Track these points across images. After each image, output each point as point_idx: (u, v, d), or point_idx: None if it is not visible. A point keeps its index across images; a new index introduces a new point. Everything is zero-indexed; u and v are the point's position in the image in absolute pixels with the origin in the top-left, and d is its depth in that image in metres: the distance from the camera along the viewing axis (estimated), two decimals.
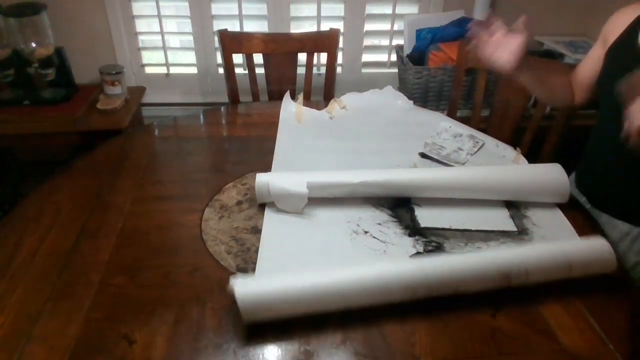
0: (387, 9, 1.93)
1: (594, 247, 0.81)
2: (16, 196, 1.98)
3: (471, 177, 1.00)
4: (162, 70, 2.01)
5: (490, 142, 1.23)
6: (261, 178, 0.96)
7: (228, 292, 0.70)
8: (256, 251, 0.88)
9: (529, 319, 0.76)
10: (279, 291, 0.71)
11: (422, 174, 1.01)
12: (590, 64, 1.10)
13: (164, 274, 0.83)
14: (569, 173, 0.99)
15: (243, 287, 0.70)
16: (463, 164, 1.13)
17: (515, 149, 1.19)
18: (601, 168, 1.07)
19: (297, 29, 1.91)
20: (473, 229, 0.93)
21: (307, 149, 1.21)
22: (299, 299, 0.72)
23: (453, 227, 0.93)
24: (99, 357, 0.68)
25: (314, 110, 1.40)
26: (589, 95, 1.13)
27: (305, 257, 0.86)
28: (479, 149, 1.19)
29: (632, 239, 1.02)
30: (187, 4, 1.87)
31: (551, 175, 0.97)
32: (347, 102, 1.43)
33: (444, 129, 1.26)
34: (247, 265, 0.85)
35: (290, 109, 1.39)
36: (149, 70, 2.01)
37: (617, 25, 1.01)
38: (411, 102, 1.42)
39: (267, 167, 1.14)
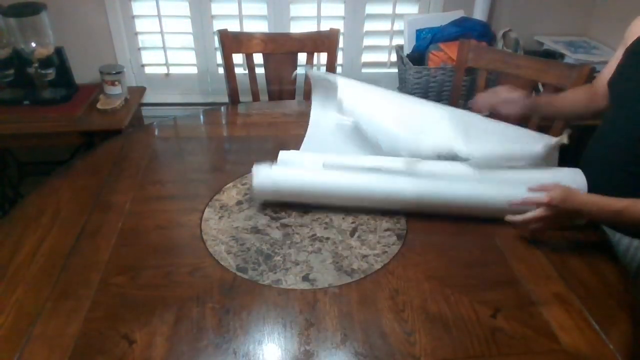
0: (387, 9, 1.93)
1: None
2: (16, 196, 1.98)
3: (488, 184, 0.97)
4: (162, 70, 2.01)
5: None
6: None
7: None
8: (256, 251, 0.88)
9: (529, 319, 0.76)
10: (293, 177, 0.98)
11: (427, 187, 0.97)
12: (612, 70, 1.08)
13: (164, 274, 0.83)
14: None
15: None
16: None
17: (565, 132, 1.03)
18: (603, 175, 1.03)
19: (297, 29, 1.90)
20: None
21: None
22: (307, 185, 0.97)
23: None
24: (99, 357, 0.68)
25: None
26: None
27: None
28: None
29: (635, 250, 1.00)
30: (187, 4, 1.87)
31: (571, 181, 0.95)
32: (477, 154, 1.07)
33: None
34: (247, 265, 0.85)
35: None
36: (149, 70, 2.01)
37: (636, 29, 1.02)
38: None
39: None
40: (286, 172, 1.00)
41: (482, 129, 1.10)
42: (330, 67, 1.68)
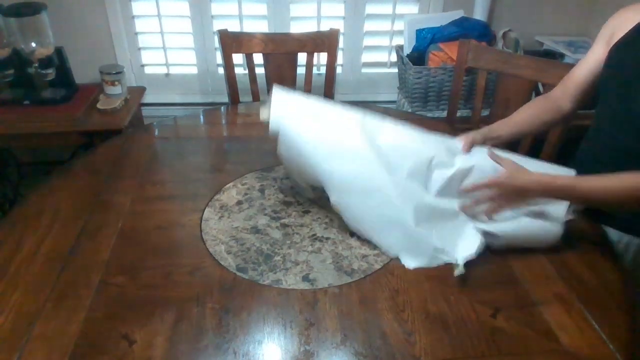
0: (387, 9, 1.93)
1: None
2: (16, 196, 1.98)
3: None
4: (162, 70, 2.01)
5: None
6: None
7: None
8: (256, 251, 0.88)
9: (529, 319, 0.76)
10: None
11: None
12: (590, 66, 1.06)
13: (164, 274, 0.83)
14: None
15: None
16: None
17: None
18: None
19: (297, 29, 1.90)
20: None
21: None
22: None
23: None
24: (99, 357, 0.68)
25: None
26: (583, 100, 1.09)
27: None
28: None
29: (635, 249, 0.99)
30: (187, 4, 1.87)
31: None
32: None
33: None
34: (247, 265, 0.85)
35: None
36: (148, 70, 2.01)
37: (623, 23, 0.98)
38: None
39: (266, 167, 1.14)
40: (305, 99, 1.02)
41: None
42: (330, 67, 1.68)
